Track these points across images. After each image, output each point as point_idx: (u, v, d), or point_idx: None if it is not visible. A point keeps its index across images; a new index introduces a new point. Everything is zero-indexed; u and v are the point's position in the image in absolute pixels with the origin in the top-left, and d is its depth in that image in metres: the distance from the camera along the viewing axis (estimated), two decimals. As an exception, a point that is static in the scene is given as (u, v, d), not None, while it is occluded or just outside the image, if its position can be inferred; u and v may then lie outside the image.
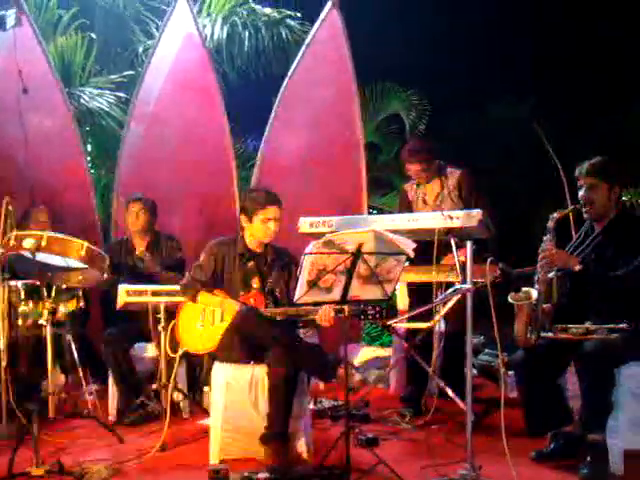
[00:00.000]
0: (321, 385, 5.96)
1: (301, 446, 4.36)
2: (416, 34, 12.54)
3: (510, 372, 4.98)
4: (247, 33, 9.29)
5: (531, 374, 4.20)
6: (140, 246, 5.83)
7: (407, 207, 5.58)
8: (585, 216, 4.31)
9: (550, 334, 4.08)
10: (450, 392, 4.88)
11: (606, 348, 3.90)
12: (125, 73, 8.69)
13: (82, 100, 8.12)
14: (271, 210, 4.51)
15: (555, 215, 4.23)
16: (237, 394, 4.38)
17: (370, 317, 3.97)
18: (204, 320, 4.57)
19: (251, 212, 4.53)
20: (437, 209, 5.07)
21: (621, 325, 3.91)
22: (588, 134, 11.54)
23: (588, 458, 3.96)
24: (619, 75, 12.15)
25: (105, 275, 4.92)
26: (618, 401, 3.98)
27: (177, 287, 4.80)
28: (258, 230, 4.55)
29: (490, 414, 4.85)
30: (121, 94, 8.40)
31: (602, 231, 4.26)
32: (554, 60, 12.89)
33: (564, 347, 4.10)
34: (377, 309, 3.96)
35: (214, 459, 4.30)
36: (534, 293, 4.15)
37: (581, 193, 4.27)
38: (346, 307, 3.99)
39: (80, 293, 5.38)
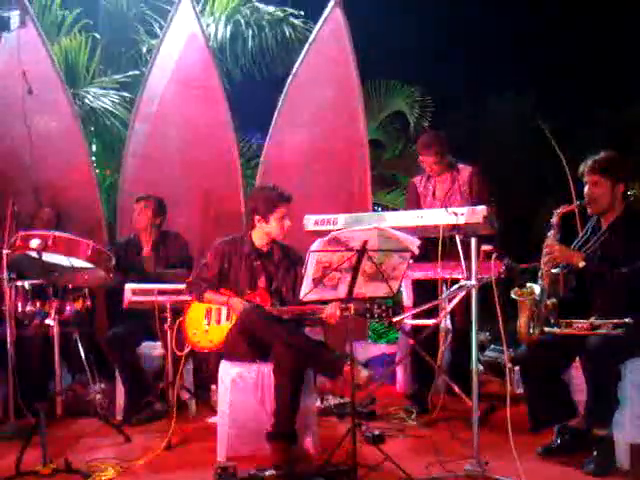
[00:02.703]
0: (327, 383, 5.95)
1: (308, 443, 4.39)
2: (419, 31, 12.55)
3: (516, 368, 4.98)
4: (250, 32, 9.25)
5: (536, 369, 4.20)
6: (146, 244, 5.85)
7: (415, 201, 5.55)
8: (589, 211, 4.32)
9: (555, 329, 4.08)
10: (456, 388, 4.89)
11: (611, 343, 3.90)
12: (129, 73, 8.68)
13: (87, 100, 8.12)
14: (285, 207, 4.56)
15: (559, 210, 4.23)
16: (244, 392, 4.40)
17: (376, 316, 3.98)
18: (210, 319, 4.58)
19: (266, 212, 4.54)
20: (447, 203, 5.07)
21: (625, 320, 3.90)
22: (590, 129, 11.53)
23: (594, 453, 3.98)
24: (621, 69, 12.14)
25: (111, 275, 4.92)
26: (623, 396, 3.99)
27: (183, 286, 4.81)
28: (275, 228, 4.57)
29: (495, 410, 4.86)
30: (125, 94, 8.40)
31: (608, 228, 4.25)
32: (556, 55, 12.88)
33: (569, 342, 4.09)
34: (383, 308, 3.97)
35: (221, 457, 4.31)
36: (537, 289, 4.14)
37: (585, 190, 4.27)
38: (352, 305, 4.00)
39: (86, 292, 5.39)
